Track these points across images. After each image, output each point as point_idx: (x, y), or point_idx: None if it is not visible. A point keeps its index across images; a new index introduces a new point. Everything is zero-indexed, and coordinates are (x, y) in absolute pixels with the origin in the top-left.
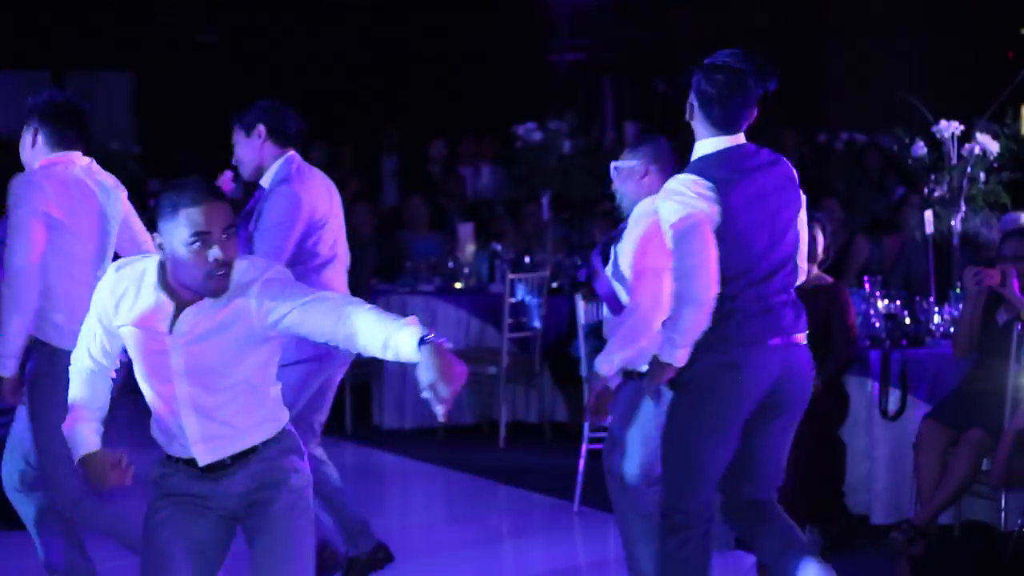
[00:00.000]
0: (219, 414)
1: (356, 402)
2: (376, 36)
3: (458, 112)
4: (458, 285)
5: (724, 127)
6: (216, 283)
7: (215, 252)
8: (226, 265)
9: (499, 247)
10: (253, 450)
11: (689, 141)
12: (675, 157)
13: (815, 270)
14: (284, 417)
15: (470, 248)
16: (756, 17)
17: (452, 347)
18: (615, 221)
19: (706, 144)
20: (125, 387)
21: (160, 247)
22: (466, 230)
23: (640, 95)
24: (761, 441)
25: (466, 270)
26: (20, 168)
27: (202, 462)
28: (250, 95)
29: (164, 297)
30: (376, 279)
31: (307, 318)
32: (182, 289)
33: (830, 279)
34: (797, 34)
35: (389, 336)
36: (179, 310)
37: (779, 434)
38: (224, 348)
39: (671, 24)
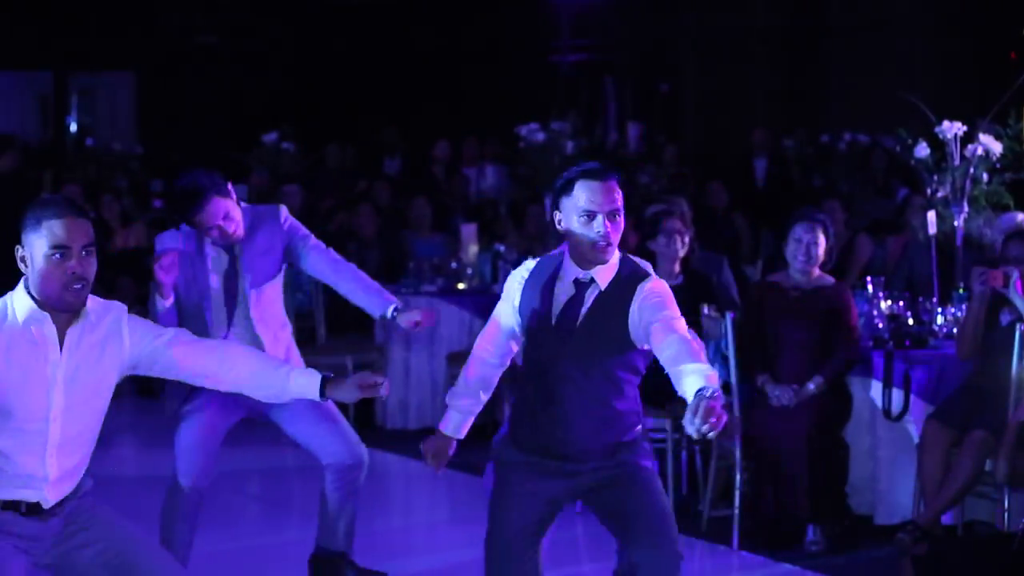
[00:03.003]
0: (78, 450)
1: (359, 403)
2: (378, 37)
3: (461, 113)
4: (461, 286)
5: None
6: (73, 296)
7: (72, 265)
8: (83, 280)
9: (502, 248)
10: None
11: (693, 142)
12: None
13: (817, 271)
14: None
15: (473, 249)
16: (759, 18)
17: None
18: None
19: None
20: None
21: (22, 260)
22: (469, 231)
23: (643, 96)
24: None
25: (469, 271)
26: (24, 167)
27: (51, 503)
28: (252, 96)
29: (45, 320)
30: (378, 280)
31: (184, 355)
32: (51, 304)
33: (833, 280)
34: (800, 35)
35: (284, 378)
36: (61, 329)
37: None
38: (99, 374)
39: (674, 25)
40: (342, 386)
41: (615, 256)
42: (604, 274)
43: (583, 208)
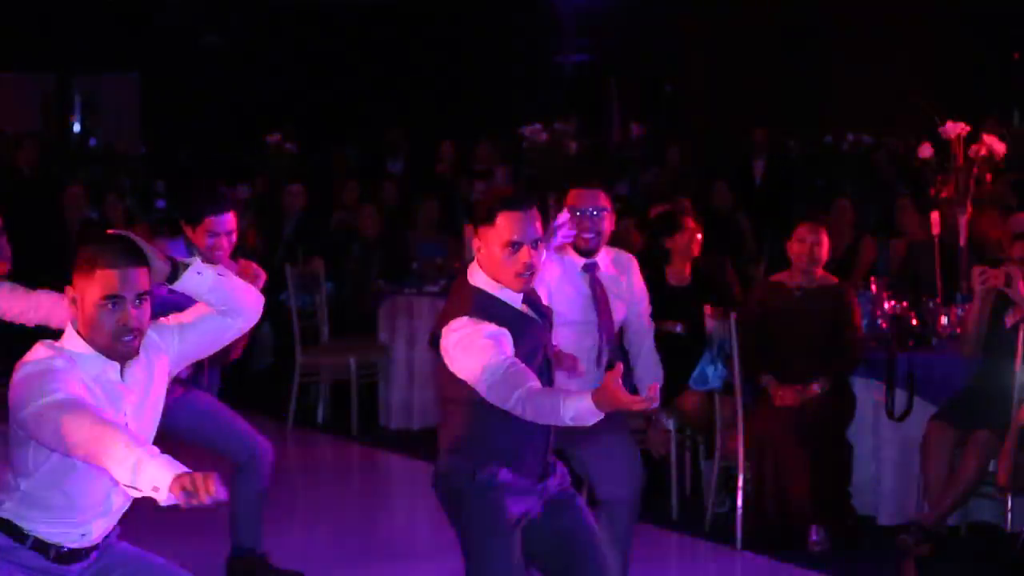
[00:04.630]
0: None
1: (363, 403)
2: (381, 37)
3: (464, 113)
4: None
5: None
6: (124, 347)
7: (125, 316)
8: (135, 331)
9: None
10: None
11: (694, 143)
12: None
13: (821, 271)
14: None
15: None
16: (762, 18)
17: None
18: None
19: None
20: None
21: (73, 301)
22: (472, 231)
23: (646, 96)
24: None
25: None
26: (28, 167)
27: (95, 538)
28: (255, 96)
29: (108, 363)
30: (382, 280)
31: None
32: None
33: (836, 280)
34: (803, 35)
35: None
36: (122, 367)
37: None
38: (155, 396)
39: (677, 25)
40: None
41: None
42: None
43: (507, 239)
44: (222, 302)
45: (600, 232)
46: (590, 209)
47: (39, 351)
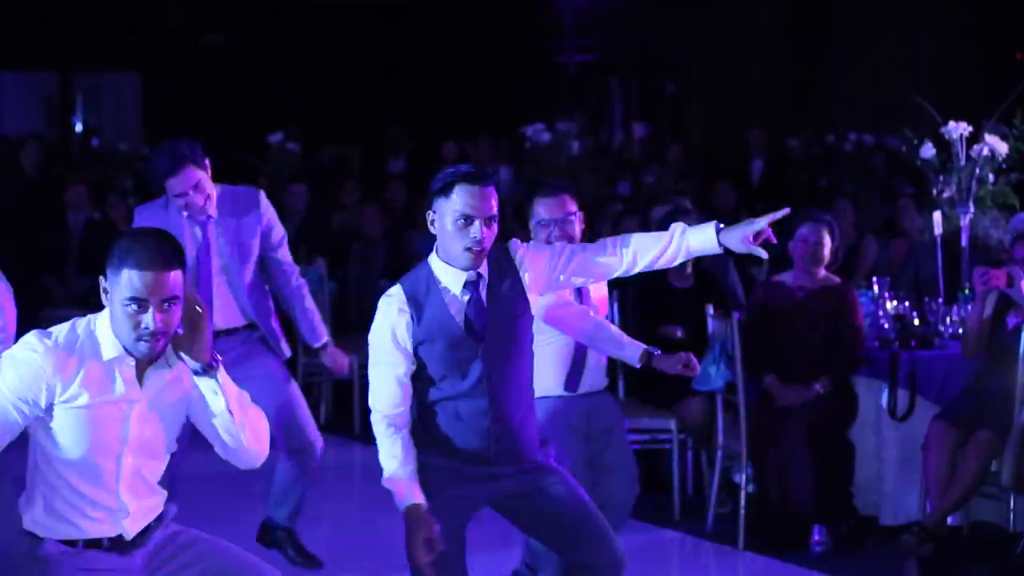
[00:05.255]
0: (152, 481)
1: (365, 403)
2: (384, 37)
3: (466, 113)
4: None
5: None
6: (144, 348)
7: (147, 320)
8: (157, 335)
9: None
10: (158, 518)
11: (698, 143)
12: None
13: (823, 271)
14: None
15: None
16: (764, 18)
17: None
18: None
19: None
20: None
21: (104, 292)
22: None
23: (648, 96)
24: None
25: None
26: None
27: (132, 534)
28: (257, 95)
29: (127, 361)
30: (385, 279)
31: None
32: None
33: (838, 280)
34: (805, 35)
35: None
36: (141, 367)
37: None
38: (174, 408)
39: (680, 25)
40: None
41: None
42: (484, 266)
43: (460, 212)
44: (225, 430)
45: (572, 237)
46: (559, 217)
47: (67, 325)
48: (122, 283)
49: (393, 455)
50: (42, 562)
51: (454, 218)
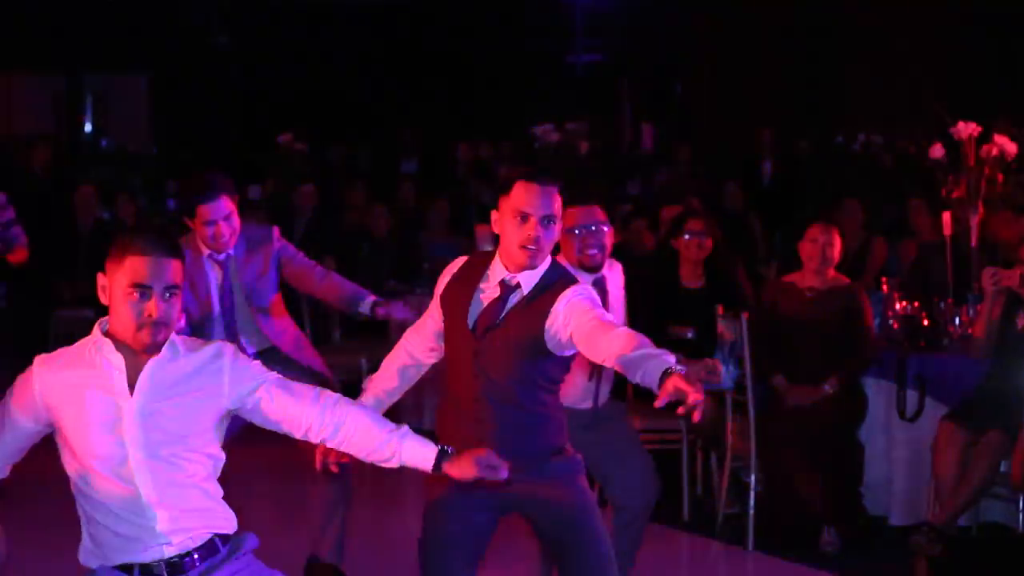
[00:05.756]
0: (183, 496)
1: None
2: (393, 38)
3: (475, 113)
4: None
5: None
6: (147, 337)
7: (150, 307)
8: (160, 324)
9: None
10: (215, 550)
11: (704, 143)
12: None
13: (833, 272)
14: (231, 513)
15: (488, 250)
16: (773, 18)
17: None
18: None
19: None
20: None
21: (103, 289)
22: (484, 232)
23: (657, 96)
24: None
25: None
26: (40, 168)
27: (168, 554)
28: (266, 97)
29: (112, 355)
30: (394, 280)
31: (283, 400)
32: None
33: (848, 281)
34: (814, 35)
35: (396, 443)
36: (137, 367)
37: None
38: (186, 413)
39: (688, 26)
40: (459, 462)
41: (545, 262)
42: (529, 279)
43: (518, 209)
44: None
45: (603, 246)
46: (591, 225)
47: (85, 339)
48: (125, 271)
49: (382, 370)
50: None
51: (512, 215)
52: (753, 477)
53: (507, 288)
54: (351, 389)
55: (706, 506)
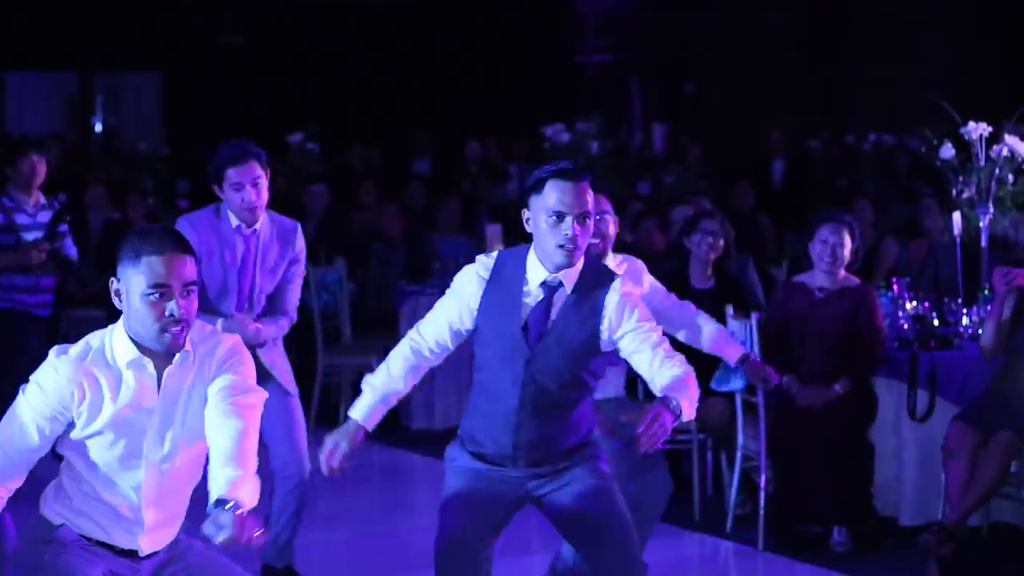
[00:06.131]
0: (174, 498)
1: None
2: (404, 38)
3: (486, 113)
4: None
5: None
6: (171, 338)
7: (172, 307)
8: (182, 322)
9: None
10: (177, 541)
11: (718, 143)
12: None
13: (843, 272)
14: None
15: (498, 249)
16: (783, 18)
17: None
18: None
19: None
20: None
21: (117, 294)
22: (494, 231)
23: (668, 96)
24: None
25: None
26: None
27: (144, 552)
28: (277, 96)
29: (145, 364)
30: (404, 279)
31: (219, 421)
32: (149, 345)
33: (858, 280)
34: (825, 35)
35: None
36: (160, 371)
37: None
38: (197, 415)
39: (699, 25)
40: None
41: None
42: (570, 276)
43: (552, 208)
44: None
45: (605, 235)
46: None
47: (82, 341)
48: (142, 273)
49: (387, 369)
50: (55, 543)
51: (546, 215)
52: (763, 477)
53: (550, 289)
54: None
55: (716, 506)
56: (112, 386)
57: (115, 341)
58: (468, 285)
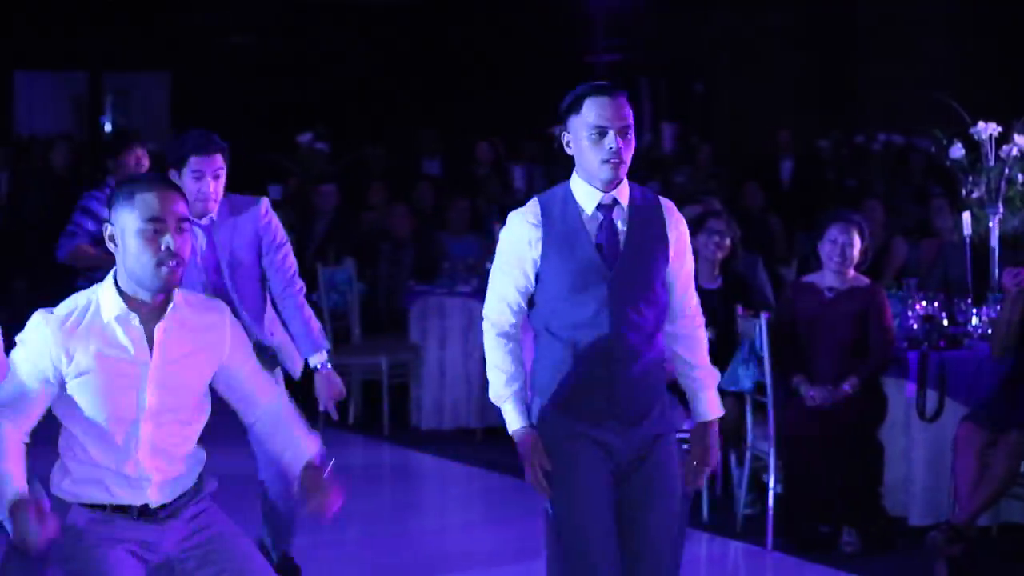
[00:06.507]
0: (177, 450)
1: (394, 403)
2: (413, 37)
3: (495, 113)
4: None
5: None
6: (167, 273)
7: (167, 240)
8: (177, 258)
9: None
10: (195, 489)
11: (727, 143)
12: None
13: (852, 272)
14: (204, 456)
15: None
16: (793, 18)
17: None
18: None
19: None
20: None
21: (111, 239)
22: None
23: (677, 96)
24: None
25: None
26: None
27: (156, 504)
28: (286, 95)
29: (132, 318)
30: (414, 280)
31: (250, 385)
32: (140, 298)
33: (868, 280)
34: (834, 35)
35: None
36: (149, 327)
37: None
38: (193, 371)
39: (708, 25)
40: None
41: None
42: (621, 193)
43: (593, 124)
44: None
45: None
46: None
47: (70, 299)
48: (136, 209)
49: (499, 367)
50: (71, 532)
51: (588, 132)
52: (772, 477)
53: (608, 209)
54: (372, 387)
55: (725, 506)
56: (99, 342)
57: (103, 297)
58: (521, 238)
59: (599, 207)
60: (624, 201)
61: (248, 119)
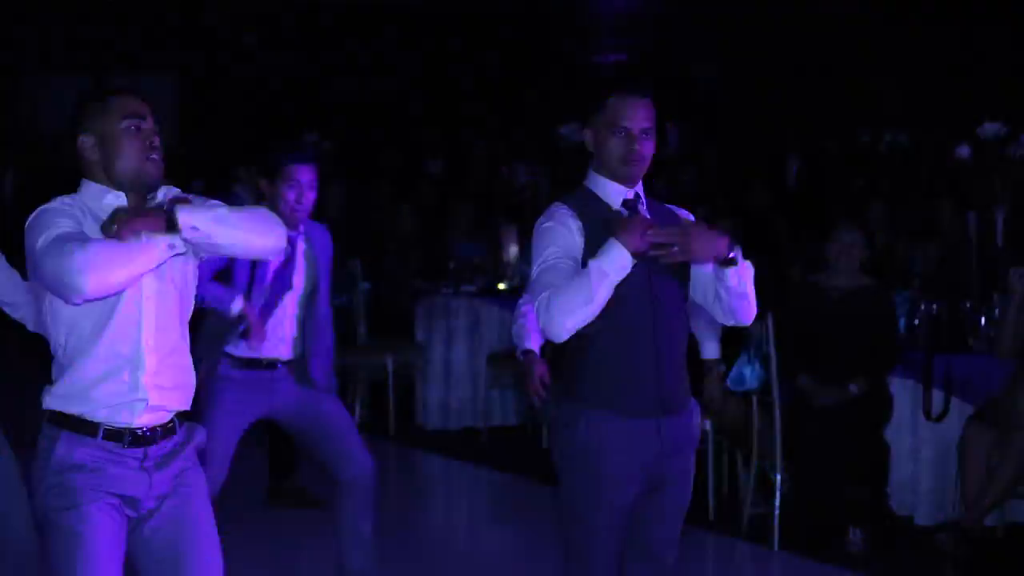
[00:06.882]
0: (172, 358)
1: (399, 402)
2: (419, 38)
3: (501, 113)
4: (501, 286)
5: None
6: (153, 166)
7: (148, 131)
8: (157, 151)
9: None
10: (173, 431)
11: (731, 143)
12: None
13: (858, 272)
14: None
15: (513, 249)
16: (798, 18)
17: None
18: None
19: None
20: None
21: (89, 148)
22: (509, 231)
23: (683, 96)
24: None
25: (509, 271)
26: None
27: (147, 425)
28: (293, 96)
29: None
30: (419, 280)
31: None
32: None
33: (874, 281)
34: (841, 35)
35: None
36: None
37: None
38: (188, 262)
39: (714, 25)
40: None
41: None
42: (640, 189)
43: (616, 124)
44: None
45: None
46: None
47: (54, 200)
48: (114, 111)
49: (565, 290)
50: (56, 476)
51: (610, 131)
52: (779, 477)
53: (633, 204)
54: (377, 387)
55: (732, 505)
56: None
57: (88, 199)
58: (568, 230)
59: (624, 203)
60: (644, 197)
61: (253, 120)
